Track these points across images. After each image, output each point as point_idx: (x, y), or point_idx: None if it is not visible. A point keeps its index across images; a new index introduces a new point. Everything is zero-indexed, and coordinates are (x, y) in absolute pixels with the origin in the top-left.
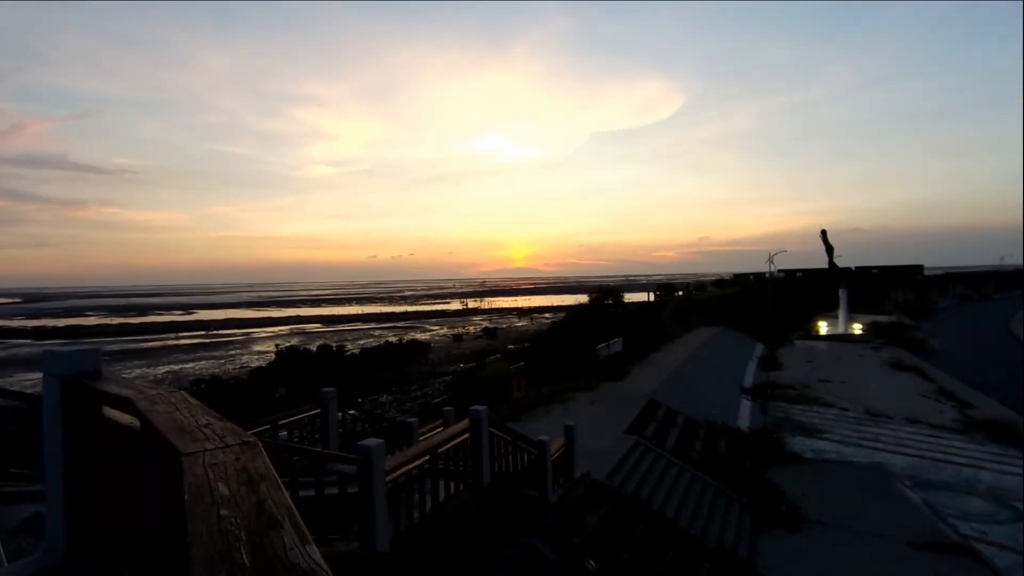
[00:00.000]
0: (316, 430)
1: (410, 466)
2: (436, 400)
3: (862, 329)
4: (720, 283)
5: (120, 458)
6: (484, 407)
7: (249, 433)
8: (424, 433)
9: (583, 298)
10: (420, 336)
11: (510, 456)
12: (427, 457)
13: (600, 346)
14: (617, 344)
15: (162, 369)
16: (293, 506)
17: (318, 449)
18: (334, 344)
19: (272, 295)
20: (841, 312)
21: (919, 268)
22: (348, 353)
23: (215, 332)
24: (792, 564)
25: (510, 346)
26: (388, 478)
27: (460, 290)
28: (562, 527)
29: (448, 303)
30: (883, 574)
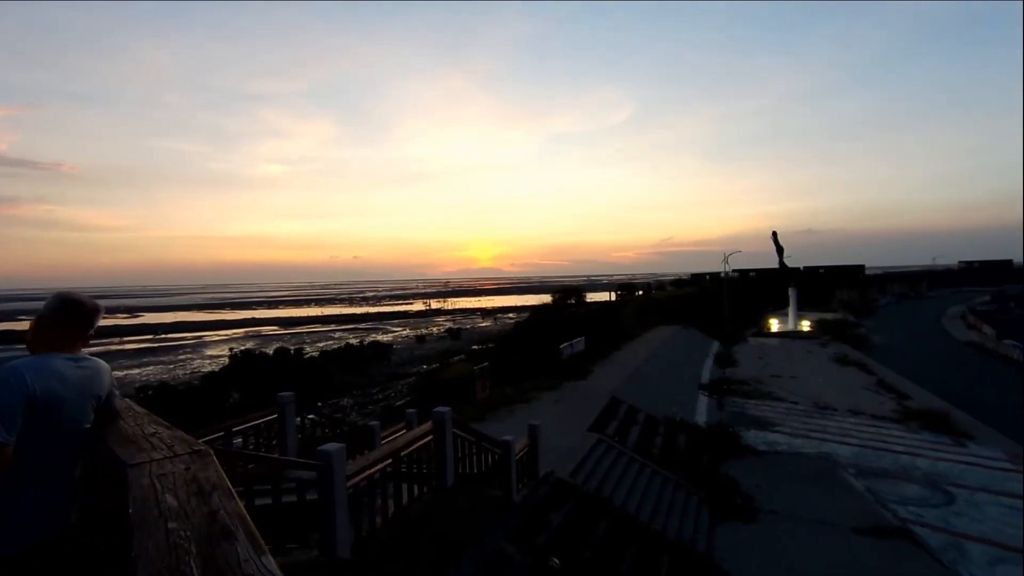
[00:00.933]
0: (273, 436)
1: (372, 470)
2: (399, 402)
3: (810, 326)
4: (679, 283)
5: None
6: (448, 408)
7: (200, 441)
8: (386, 436)
9: (546, 298)
10: (382, 338)
11: (474, 457)
12: (390, 460)
13: (563, 345)
14: (580, 343)
15: None
16: (247, 516)
17: (275, 456)
18: (292, 347)
19: (226, 296)
20: (791, 310)
21: (861, 268)
22: (307, 356)
23: (163, 336)
24: (746, 554)
25: (474, 346)
26: (349, 483)
27: (423, 291)
28: (527, 526)
29: (411, 304)
30: (829, 560)
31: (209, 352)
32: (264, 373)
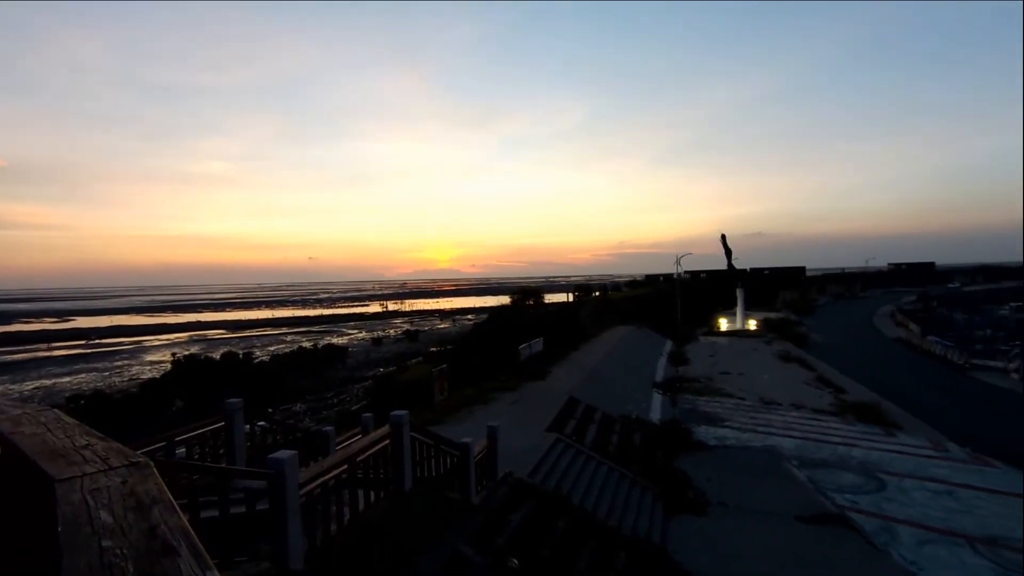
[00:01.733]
0: (220, 445)
1: (326, 477)
2: (355, 407)
3: (756, 325)
4: (634, 284)
5: None
6: (405, 412)
7: (139, 452)
8: (342, 441)
9: (505, 299)
10: (337, 340)
11: (433, 460)
12: (345, 466)
13: (522, 346)
14: (538, 344)
15: (30, 385)
16: (191, 530)
17: (222, 465)
18: (240, 351)
19: (167, 299)
20: (739, 310)
21: (802, 270)
22: (256, 360)
23: (98, 341)
24: (697, 545)
25: (432, 348)
26: (302, 491)
27: (380, 292)
28: (486, 528)
29: (367, 306)
30: (774, 547)
31: (149, 358)
32: (210, 379)
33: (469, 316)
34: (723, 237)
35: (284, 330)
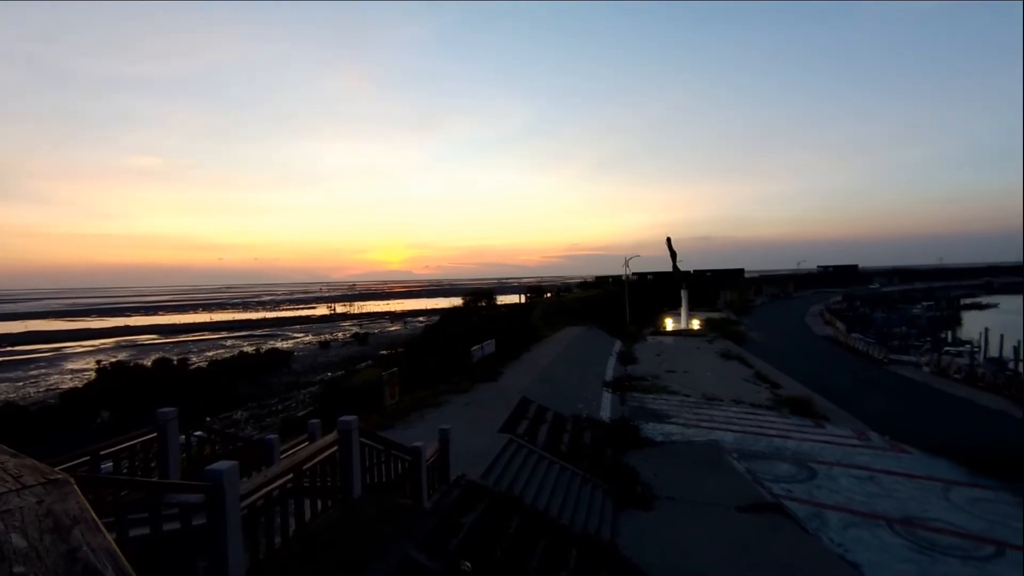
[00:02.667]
0: (152, 458)
1: (270, 487)
2: (301, 413)
3: (699, 324)
4: (584, 285)
5: None
6: (354, 417)
7: (58, 469)
8: (287, 449)
9: (457, 301)
10: (282, 344)
11: (383, 465)
12: (291, 475)
13: (474, 348)
14: (490, 345)
15: None
16: (118, 551)
17: (154, 479)
18: (175, 357)
19: (92, 302)
20: (683, 310)
21: (741, 271)
22: (193, 367)
23: (11, 348)
24: (646, 539)
25: (382, 351)
26: (243, 503)
27: (328, 294)
28: (438, 532)
29: (314, 308)
30: (716, 536)
31: (70, 366)
32: (140, 388)
33: (421, 318)
34: (668, 240)
35: (224, 334)
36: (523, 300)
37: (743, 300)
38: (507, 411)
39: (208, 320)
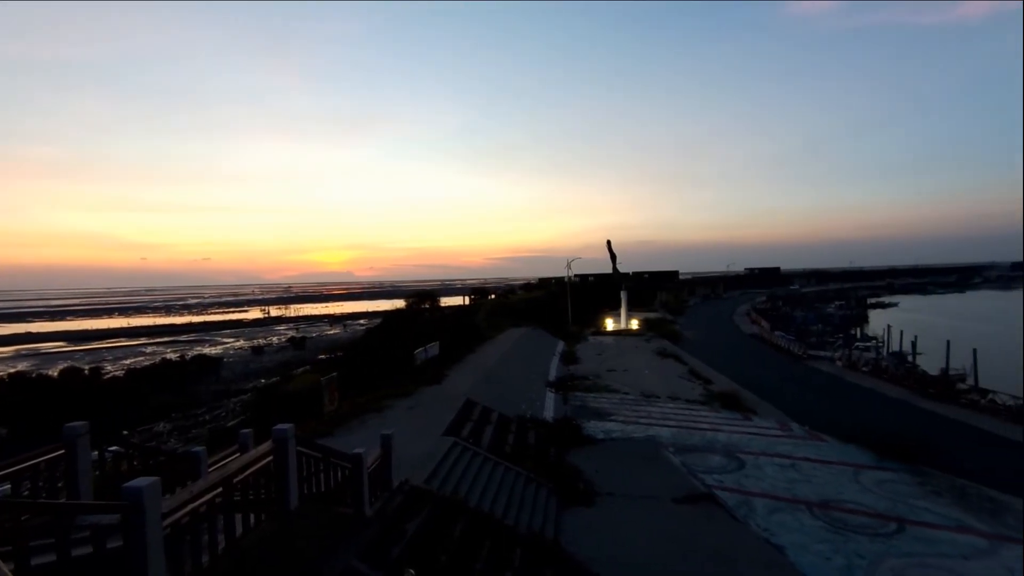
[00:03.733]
0: (60, 477)
1: (196, 503)
2: (231, 423)
3: (638, 324)
4: (528, 287)
5: None
6: (290, 425)
7: None
8: (216, 462)
9: (400, 303)
10: (210, 351)
11: (322, 474)
12: (220, 489)
13: (418, 351)
14: (434, 348)
15: None
16: None
17: (61, 501)
18: (86, 366)
19: None
20: (623, 311)
21: (676, 273)
22: (108, 376)
23: None
24: (588, 534)
25: (321, 356)
26: (166, 522)
27: (261, 297)
28: (380, 540)
29: (246, 311)
30: (654, 528)
31: None
32: (46, 401)
33: (362, 321)
34: (608, 243)
35: (143, 340)
36: (467, 302)
37: (678, 301)
38: (452, 414)
39: (125, 325)
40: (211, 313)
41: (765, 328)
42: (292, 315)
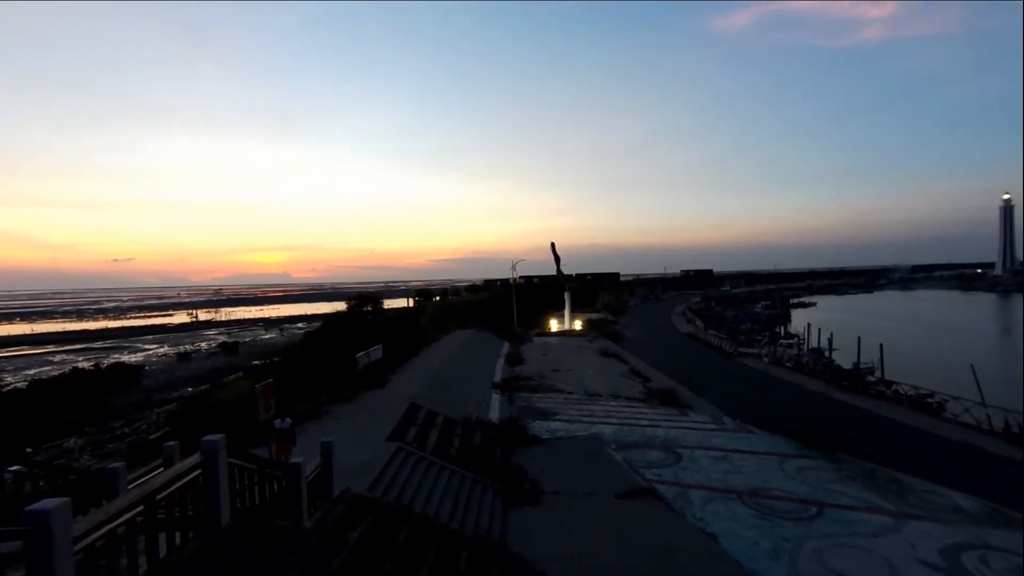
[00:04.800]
0: None
1: (114, 524)
2: (154, 435)
3: (581, 325)
4: (473, 289)
5: None
6: (221, 436)
7: None
8: (137, 479)
9: (341, 305)
10: (129, 358)
11: (257, 487)
12: (141, 508)
13: (360, 355)
14: (377, 351)
15: None
16: None
17: None
18: None
19: None
20: (567, 312)
21: (617, 275)
22: (7, 388)
23: None
24: (534, 533)
25: (256, 362)
26: (78, 546)
27: (188, 300)
28: (320, 552)
29: (171, 315)
30: (597, 524)
31: None
32: None
33: (300, 324)
34: (553, 245)
35: (50, 348)
36: (411, 304)
37: (619, 302)
38: (395, 418)
39: (29, 332)
40: (131, 317)
41: (699, 327)
42: (223, 319)
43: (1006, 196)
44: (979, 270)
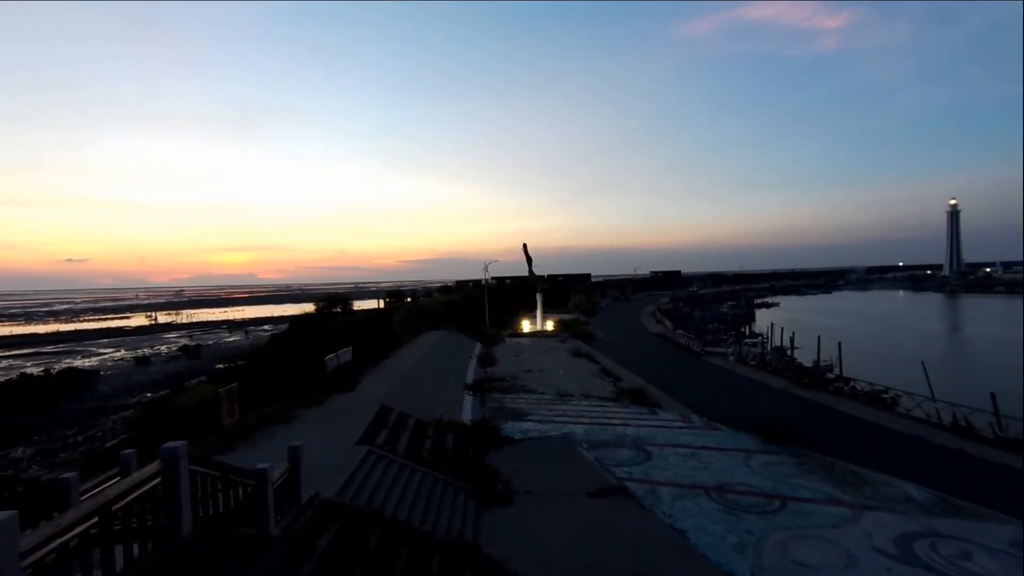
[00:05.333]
0: None
1: (66, 537)
2: (110, 443)
3: (553, 326)
4: (445, 289)
5: None
6: (182, 442)
7: None
8: (91, 489)
9: (309, 307)
10: (82, 363)
11: (221, 494)
12: (95, 519)
13: (328, 357)
14: (347, 353)
15: None
16: None
17: None
18: None
19: None
20: (538, 312)
21: (588, 276)
22: None
23: None
24: (506, 534)
25: (219, 365)
26: (26, 561)
27: (147, 302)
28: (288, 559)
29: (128, 318)
30: (569, 523)
31: None
32: None
33: (266, 326)
34: (525, 246)
35: None
36: (382, 305)
37: (590, 302)
38: (366, 421)
39: None
40: (84, 320)
41: (668, 327)
42: (184, 321)
43: (952, 201)
44: (928, 271)
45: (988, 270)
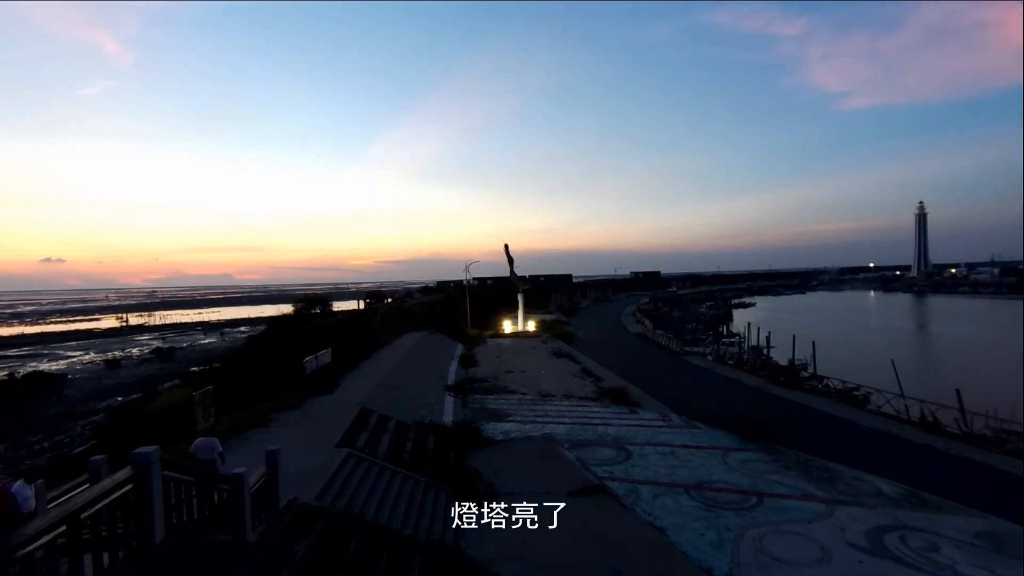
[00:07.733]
0: None
1: (31, 547)
2: (78, 449)
3: (535, 326)
4: (426, 290)
5: None
6: (155, 447)
7: None
8: (58, 496)
9: (287, 308)
10: (48, 366)
11: (196, 500)
12: (63, 528)
13: (307, 359)
14: (326, 355)
15: None
16: None
17: None
18: None
19: None
20: (520, 313)
21: (570, 277)
22: None
23: None
24: (488, 536)
25: (194, 368)
26: None
27: (117, 303)
28: (265, 566)
29: (97, 320)
30: (550, 522)
31: None
32: None
33: (243, 328)
34: (506, 247)
35: None
36: (362, 306)
37: (571, 303)
38: (346, 424)
39: None
40: (51, 322)
41: (648, 327)
42: (157, 323)
43: (920, 204)
44: (898, 272)
45: (953, 271)
